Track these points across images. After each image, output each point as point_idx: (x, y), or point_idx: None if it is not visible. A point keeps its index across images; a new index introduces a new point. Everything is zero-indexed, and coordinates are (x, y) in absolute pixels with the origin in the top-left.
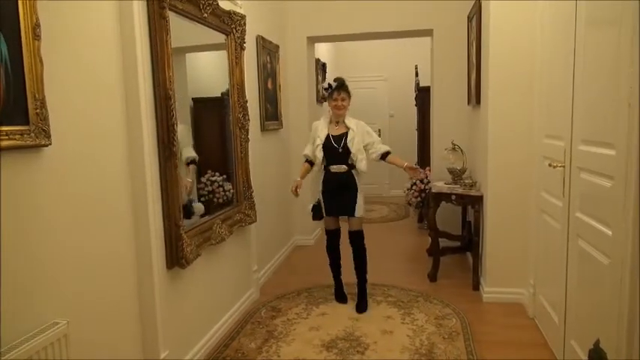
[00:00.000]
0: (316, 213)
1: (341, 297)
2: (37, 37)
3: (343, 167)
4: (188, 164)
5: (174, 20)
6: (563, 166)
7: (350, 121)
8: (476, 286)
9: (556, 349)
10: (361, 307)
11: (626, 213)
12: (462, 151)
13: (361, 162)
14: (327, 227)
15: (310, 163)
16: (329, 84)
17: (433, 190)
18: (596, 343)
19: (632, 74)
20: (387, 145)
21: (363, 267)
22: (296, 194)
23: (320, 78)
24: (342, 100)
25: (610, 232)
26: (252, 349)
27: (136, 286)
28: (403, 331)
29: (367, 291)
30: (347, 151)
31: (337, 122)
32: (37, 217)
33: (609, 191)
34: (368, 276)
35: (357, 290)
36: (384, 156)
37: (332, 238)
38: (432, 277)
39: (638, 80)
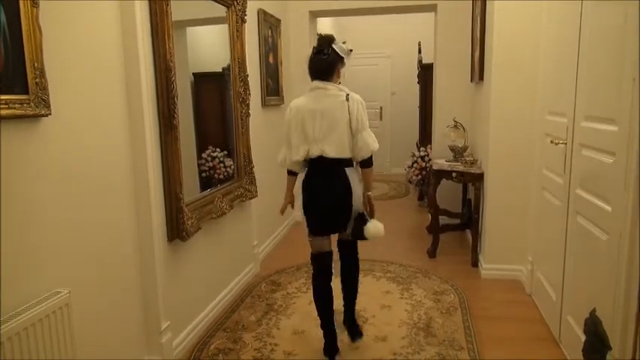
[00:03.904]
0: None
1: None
2: (35, 4)
3: None
4: None
5: None
6: (565, 143)
7: None
8: (474, 263)
9: (552, 325)
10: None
11: (627, 188)
12: (463, 128)
13: None
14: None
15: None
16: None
17: (434, 168)
18: (592, 312)
19: (638, 48)
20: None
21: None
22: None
23: None
24: None
25: (609, 208)
26: (252, 321)
27: (137, 257)
28: (402, 305)
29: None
30: None
31: None
32: (37, 187)
33: (611, 167)
34: (366, 253)
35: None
36: None
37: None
38: (432, 253)
39: None
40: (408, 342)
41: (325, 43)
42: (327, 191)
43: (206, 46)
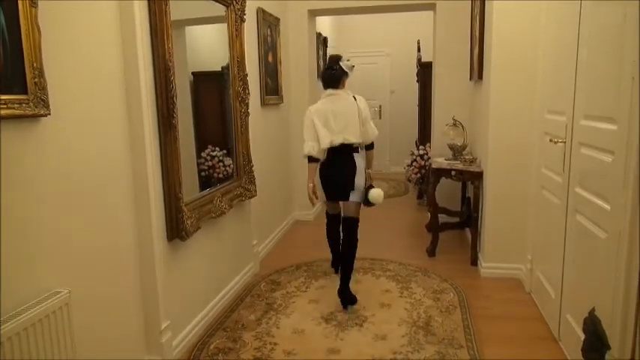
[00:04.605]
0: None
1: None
2: (34, 4)
3: None
4: None
5: None
6: (564, 142)
7: None
8: (474, 262)
9: (552, 324)
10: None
11: (626, 187)
12: (462, 127)
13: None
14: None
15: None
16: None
17: (433, 166)
18: (591, 311)
19: (637, 48)
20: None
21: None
22: None
23: (321, 52)
24: None
25: (608, 207)
26: (251, 320)
27: (137, 257)
28: (401, 304)
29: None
30: None
31: None
32: (37, 186)
33: (610, 166)
34: (366, 252)
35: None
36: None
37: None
38: (431, 252)
39: None
40: (407, 341)
41: (334, 61)
42: (338, 172)
43: (205, 46)
